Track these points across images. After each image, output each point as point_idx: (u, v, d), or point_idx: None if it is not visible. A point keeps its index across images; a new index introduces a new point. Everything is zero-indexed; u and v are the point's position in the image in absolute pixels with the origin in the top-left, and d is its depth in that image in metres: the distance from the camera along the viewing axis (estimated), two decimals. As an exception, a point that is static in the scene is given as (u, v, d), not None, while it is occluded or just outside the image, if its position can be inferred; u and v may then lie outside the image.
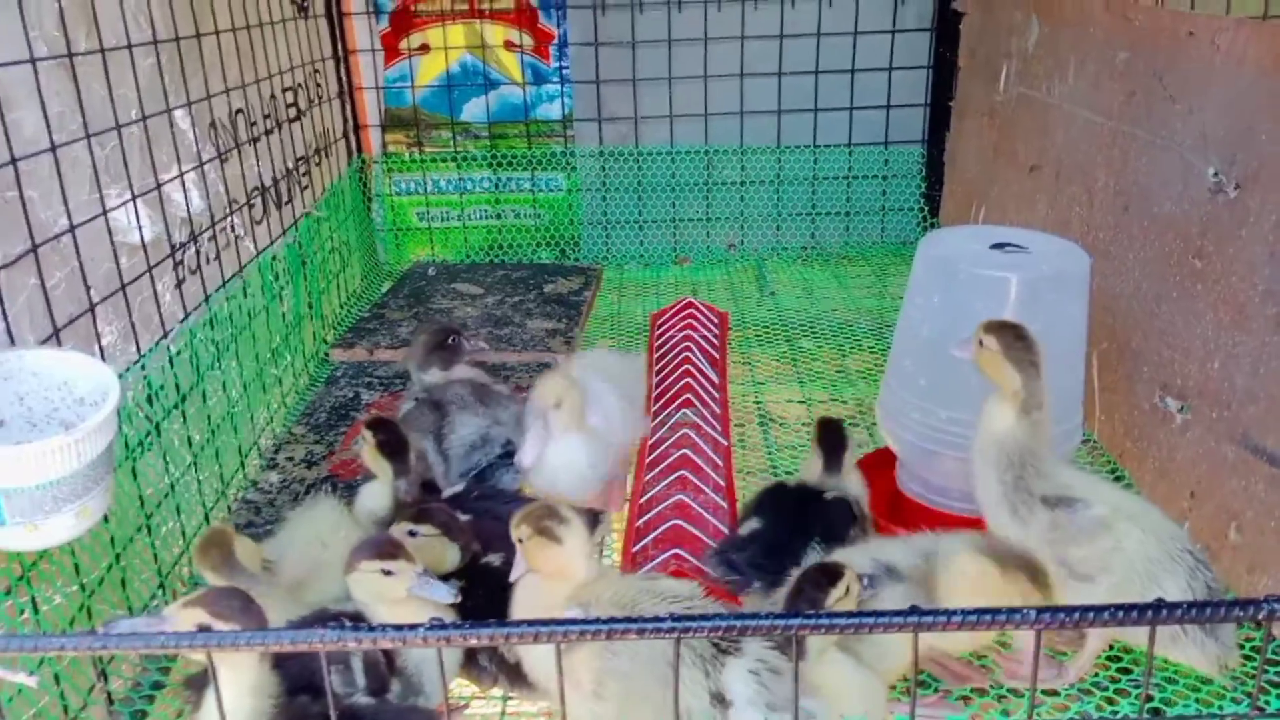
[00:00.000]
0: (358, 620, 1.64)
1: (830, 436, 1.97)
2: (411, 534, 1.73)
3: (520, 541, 1.59)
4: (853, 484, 2.02)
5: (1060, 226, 2.67)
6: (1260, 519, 1.86)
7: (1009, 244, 2.04)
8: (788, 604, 1.47)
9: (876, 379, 2.88)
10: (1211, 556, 1.84)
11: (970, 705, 1.72)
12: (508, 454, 2.23)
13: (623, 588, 1.57)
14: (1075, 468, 1.80)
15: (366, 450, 1.94)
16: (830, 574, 1.46)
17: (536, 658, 1.58)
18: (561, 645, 1.12)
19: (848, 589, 1.46)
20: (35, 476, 1.30)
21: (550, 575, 1.57)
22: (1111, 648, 1.80)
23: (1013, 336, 1.70)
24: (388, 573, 1.53)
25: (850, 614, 1.14)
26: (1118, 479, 2.29)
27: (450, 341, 2.34)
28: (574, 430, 2.06)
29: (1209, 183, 2.02)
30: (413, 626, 1.09)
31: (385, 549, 1.54)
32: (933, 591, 1.59)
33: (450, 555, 1.78)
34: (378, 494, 1.94)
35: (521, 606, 1.60)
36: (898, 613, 1.14)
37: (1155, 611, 1.09)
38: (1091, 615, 1.11)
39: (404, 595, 1.53)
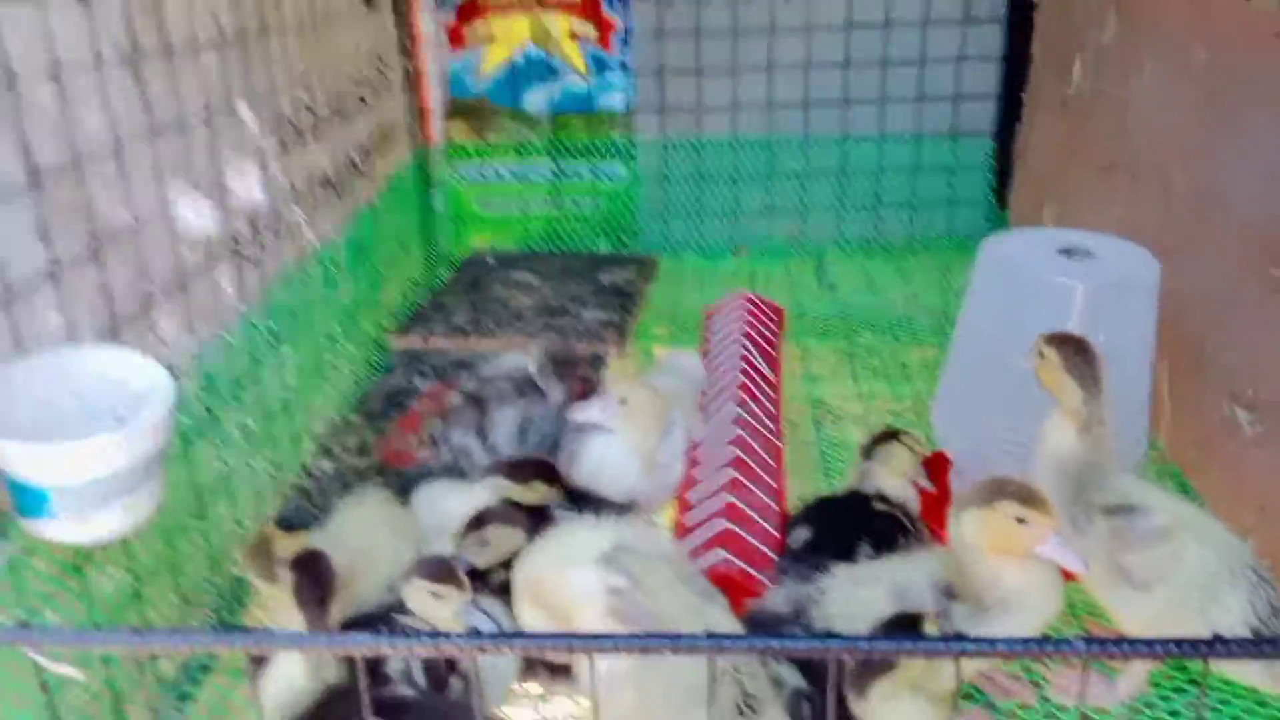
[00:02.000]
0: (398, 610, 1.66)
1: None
2: (483, 544, 1.75)
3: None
4: (904, 492, 1.99)
5: (1134, 227, 2.57)
6: (1333, 541, 1.78)
7: (1076, 249, 1.97)
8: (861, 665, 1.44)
9: (936, 377, 2.82)
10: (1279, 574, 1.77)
11: (1016, 722, 1.68)
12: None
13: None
14: (1137, 479, 1.74)
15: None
16: (911, 624, 1.41)
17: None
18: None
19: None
20: (83, 472, 1.33)
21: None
22: (1165, 662, 1.74)
23: (1073, 350, 1.65)
24: (437, 595, 1.54)
25: (890, 638, 1.11)
26: (1182, 488, 2.21)
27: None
28: (634, 442, 2.06)
29: (1291, 188, 1.93)
30: (448, 634, 1.09)
31: (439, 573, 1.56)
32: (965, 582, 1.56)
33: (517, 539, 1.78)
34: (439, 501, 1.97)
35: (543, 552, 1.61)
36: (941, 638, 1.12)
37: (1209, 646, 1.05)
38: (1143, 648, 1.07)
39: (449, 618, 1.55)
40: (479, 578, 1.78)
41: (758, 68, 3.61)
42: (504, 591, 1.76)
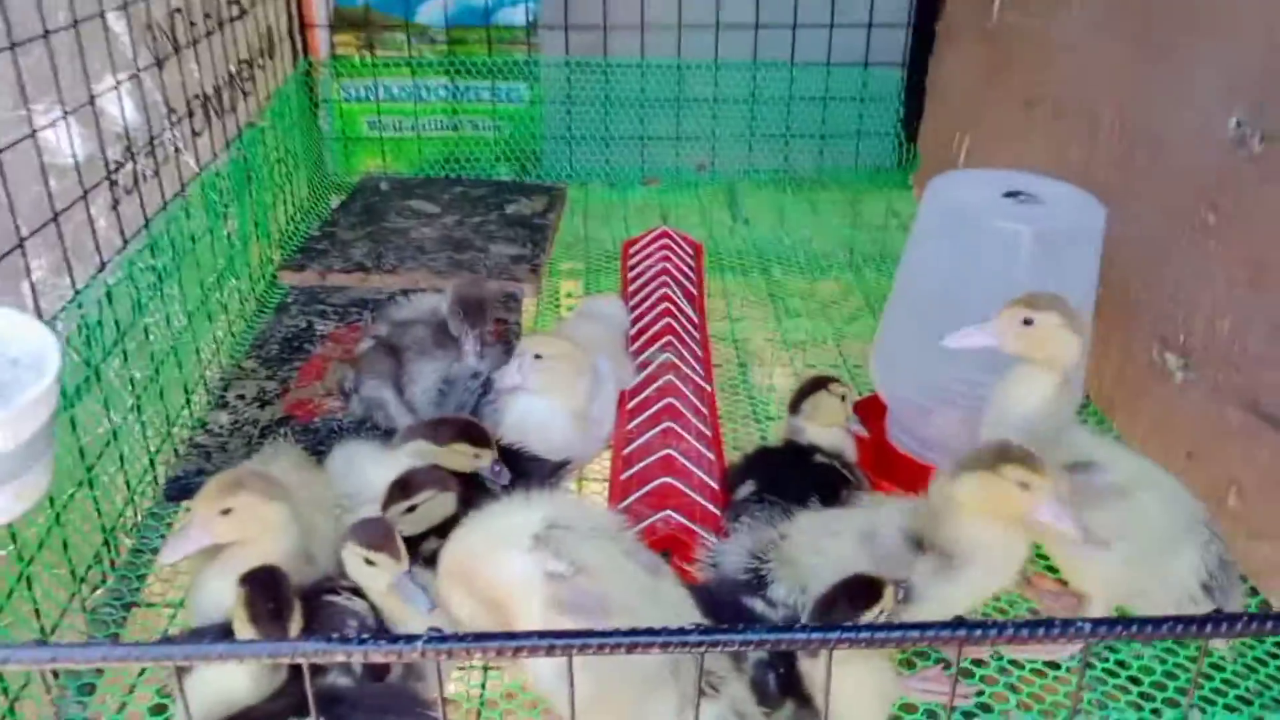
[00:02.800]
0: (354, 592, 1.53)
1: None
2: (411, 510, 1.61)
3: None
4: (840, 441, 1.94)
5: (1057, 166, 2.55)
6: (1265, 486, 1.81)
7: (1021, 192, 1.92)
8: (817, 613, 1.37)
9: (856, 317, 2.79)
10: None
11: (970, 678, 1.66)
12: (484, 383, 2.09)
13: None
14: (1091, 433, 1.72)
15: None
16: (869, 591, 1.35)
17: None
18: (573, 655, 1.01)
19: (881, 610, 1.35)
20: (-35, 457, 1.14)
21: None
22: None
23: (1065, 304, 1.61)
24: (370, 563, 1.42)
25: (893, 627, 1.04)
26: (1105, 431, 2.23)
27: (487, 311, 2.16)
28: (559, 399, 1.94)
29: (1230, 133, 1.92)
30: (409, 638, 0.98)
31: (375, 538, 1.44)
32: (936, 535, 1.52)
33: (448, 504, 1.67)
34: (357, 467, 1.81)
35: (471, 534, 1.48)
36: (943, 625, 1.05)
37: (1214, 625, 1.02)
38: (1149, 628, 1.04)
39: (383, 589, 1.42)
40: (407, 547, 1.66)
41: (668, -15, 3.44)
42: (435, 562, 1.64)
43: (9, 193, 1.68)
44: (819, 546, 1.56)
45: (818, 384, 1.93)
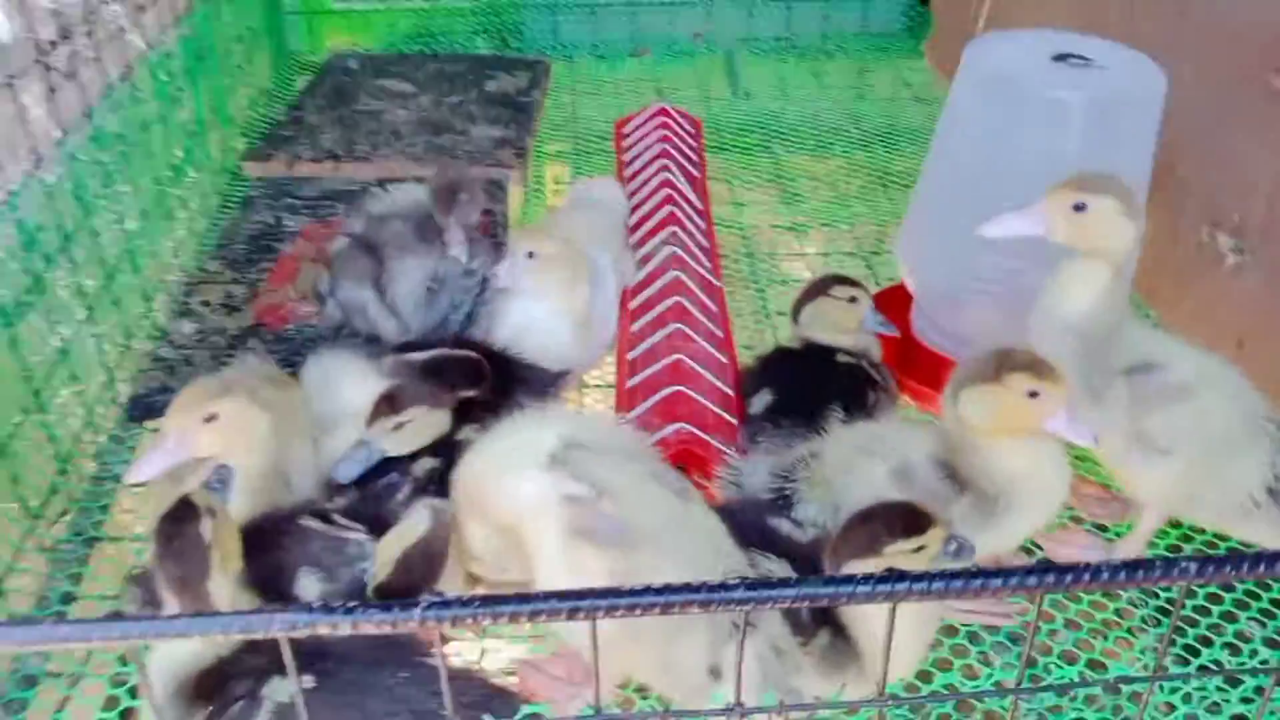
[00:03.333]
0: (326, 519, 1.38)
1: None
2: (398, 427, 1.46)
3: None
4: (863, 337, 1.77)
5: (1094, 27, 2.32)
6: (1327, 379, 1.66)
7: (1072, 55, 1.71)
8: (844, 540, 1.22)
9: (868, 197, 2.59)
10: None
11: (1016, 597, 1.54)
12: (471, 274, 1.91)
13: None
14: (1151, 329, 1.56)
15: None
16: (915, 521, 1.20)
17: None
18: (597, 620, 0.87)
19: (921, 548, 1.20)
20: None
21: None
22: (1170, 531, 1.62)
23: (1121, 186, 1.41)
24: None
25: (970, 574, 0.89)
26: (1143, 319, 2.07)
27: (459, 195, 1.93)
28: (556, 300, 1.76)
29: (1304, -18, 1.70)
30: (405, 605, 0.83)
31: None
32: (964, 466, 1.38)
33: (441, 422, 1.52)
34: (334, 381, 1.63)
35: (482, 456, 1.34)
36: (1028, 570, 0.91)
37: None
38: (1262, 566, 0.90)
39: None
40: (399, 465, 1.51)
41: None
42: (432, 483, 1.49)
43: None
44: (852, 465, 1.41)
45: (818, 288, 1.75)
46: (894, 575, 0.87)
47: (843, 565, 1.22)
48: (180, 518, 1.15)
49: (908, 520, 1.22)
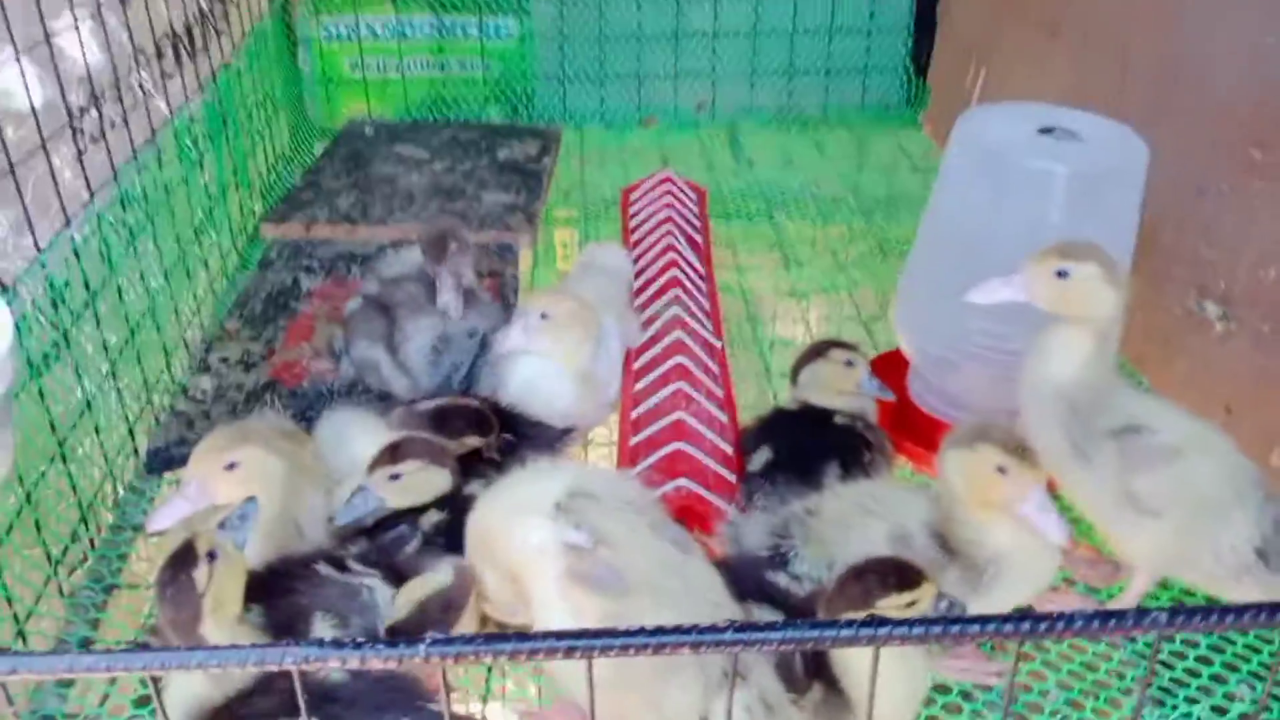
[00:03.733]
0: (336, 563, 1.42)
1: None
2: (394, 478, 1.50)
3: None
4: (859, 400, 1.83)
5: (1083, 100, 2.40)
6: (1313, 444, 1.71)
7: (1057, 128, 1.79)
8: (840, 593, 1.27)
9: (868, 264, 2.66)
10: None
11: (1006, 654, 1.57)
12: (482, 343, 1.97)
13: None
14: (1138, 392, 1.61)
15: None
16: (908, 576, 1.24)
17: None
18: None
19: (913, 603, 1.23)
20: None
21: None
22: (1162, 594, 1.65)
23: (1103, 254, 1.47)
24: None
25: (949, 621, 0.93)
26: (1134, 384, 2.13)
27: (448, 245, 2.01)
28: (564, 360, 1.82)
29: (1277, 61, 1.78)
30: (411, 642, 0.88)
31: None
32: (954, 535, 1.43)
33: (440, 481, 1.56)
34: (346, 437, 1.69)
35: (490, 505, 1.38)
36: (1005, 618, 0.95)
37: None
38: (1230, 618, 0.94)
39: None
40: (408, 518, 1.55)
41: (665, -88, 3.25)
42: (440, 535, 1.53)
43: (-42, 145, 1.53)
44: (850, 523, 1.45)
45: (816, 351, 1.82)
46: (876, 620, 0.92)
47: (836, 613, 1.26)
48: (178, 563, 1.20)
49: (900, 575, 1.26)
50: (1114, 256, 1.74)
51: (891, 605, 1.23)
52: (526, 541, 1.30)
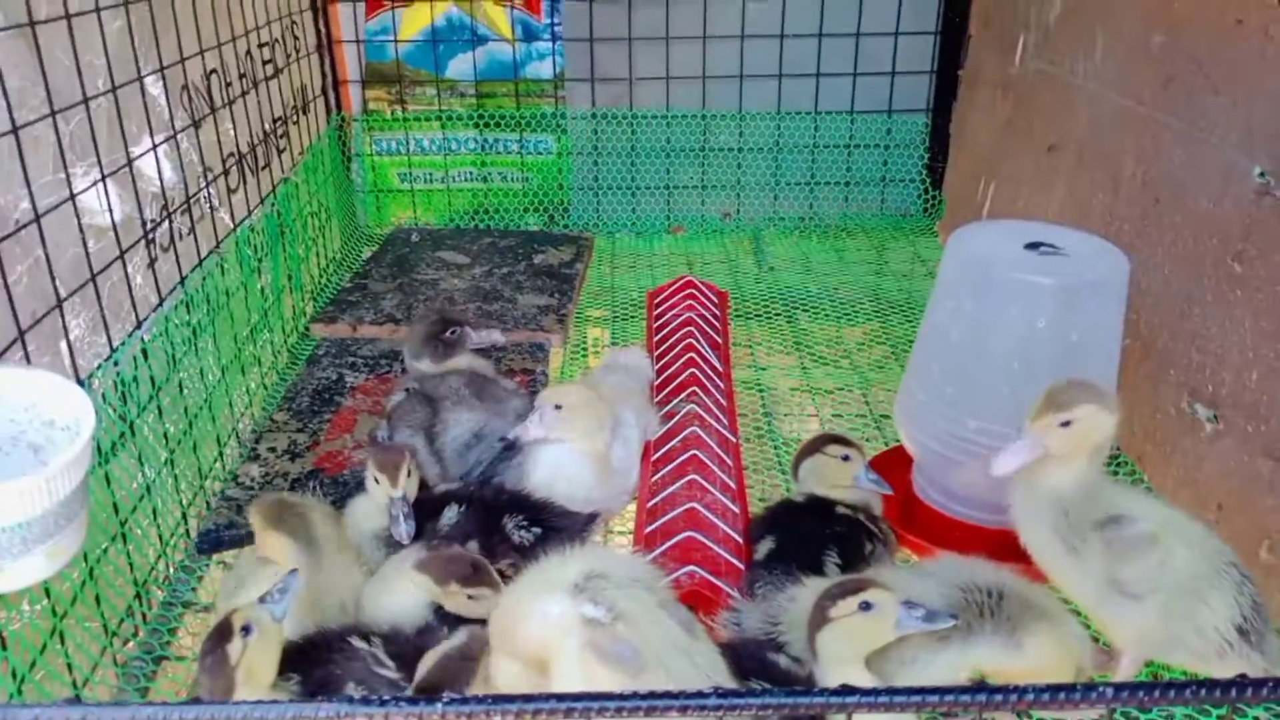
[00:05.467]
0: (373, 637, 1.55)
1: None
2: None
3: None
4: (864, 493, 1.93)
5: (1079, 213, 2.56)
6: (1298, 540, 1.79)
7: (1043, 244, 1.93)
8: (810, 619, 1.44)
9: (883, 365, 2.78)
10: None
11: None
12: (509, 446, 2.10)
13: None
14: (1115, 484, 1.72)
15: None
16: (851, 585, 1.42)
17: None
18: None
19: (866, 605, 1.40)
20: (1, 519, 1.17)
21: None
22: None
23: (1091, 388, 1.61)
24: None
25: (911, 691, 1.04)
26: (1136, 481, 2.22)
27: (450, 334, 2.20)
28: (582, 447, 1.96)
29: (1254, 183, 1.91)
30: (429, 700, 0.99)
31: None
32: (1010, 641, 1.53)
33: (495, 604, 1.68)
34: (374, 512, 1.83)
35: (511, 595, 1.49)
36: (963, 689, 1.05)
37: (1240, 690, 1.01)
38: (1173, 693, 1.03)
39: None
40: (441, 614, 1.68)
41: (691, 37, 3.49)
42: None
43: (48, 255, 1.73)
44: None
45: (814, 446, 1.92)
46: (846, 689, 1.03)
47: (815, 643, 1.44)
48: (216, 638, 1.36)
49: (844, 586, 1.44)
50: (1100, 362, 1.88)
51: (844, 612, 1.42)
52: (547, 617, 1.41)
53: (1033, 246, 1.92)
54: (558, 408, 1.96)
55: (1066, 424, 1.60)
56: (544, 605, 1.42)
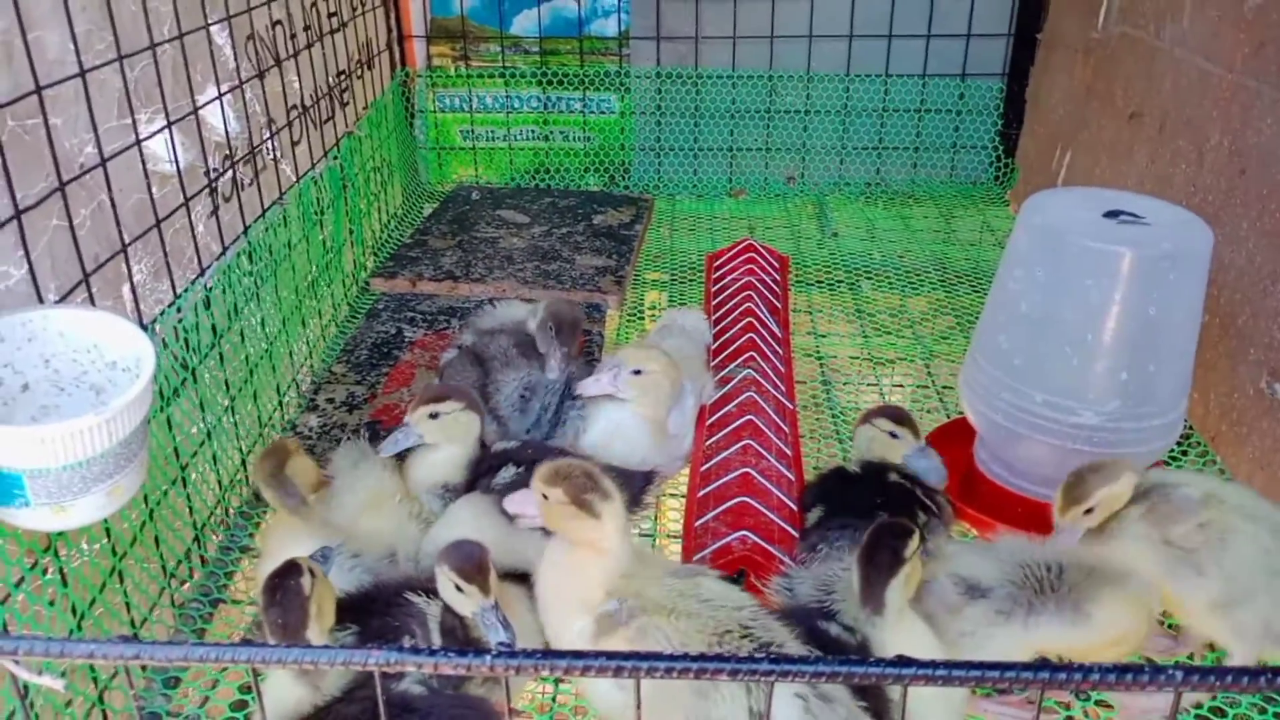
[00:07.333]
0: (431, 592, 1.54)
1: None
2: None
3: (545, 498, 1.45)
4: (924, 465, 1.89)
5: (1161, 184, 2.46)
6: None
7: (1123, 212, 1.85)
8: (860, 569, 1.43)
9: (947, 336, 2.72)
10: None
11: (1055, 717, 1.60)
12: (574, 397, 2.09)
13: (663, 592, 1.44)
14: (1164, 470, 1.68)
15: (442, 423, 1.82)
16: (898, 529, 1.42)
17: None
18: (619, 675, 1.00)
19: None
20: (63, 457, 1.18)
21: (574, 540, 1.44)
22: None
23: (1108, 466, 1.62)
24: (459, 589, 1.41)
25: (971, 665, 1.01)
26: (1209, 463, 2.14)
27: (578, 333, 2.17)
28: (646, 412, 1.94)
29: (1351, 153, 1.82)
30: (479, 652, 0.98)
31: (466, 568, 1.41)
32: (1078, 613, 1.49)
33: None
34: (442, 464, 1.82)
35: (549, 587, 1.49)
36: (1025, 666, 1.01)
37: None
38: (1245, 679, 0.99)
39: (468, 614, 1.43)
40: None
41: (760, -5, 3.42)
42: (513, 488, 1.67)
43: (113, 200, 1.74)
44: None
45: (866, 416, 1.89)
46: (902, 661, 1.00)
47: (885, 596, 1.41)
48: (286, 573, 1.34)
49: (890, 528, 1.44)
50: (1177, 338, 1.81)
51: (912, 549, 1.41)
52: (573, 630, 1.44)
53: (1112, 215, 1.84)
54: (637, 372, 1.94)
55: (1090, 511, 1.62)
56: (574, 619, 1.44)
